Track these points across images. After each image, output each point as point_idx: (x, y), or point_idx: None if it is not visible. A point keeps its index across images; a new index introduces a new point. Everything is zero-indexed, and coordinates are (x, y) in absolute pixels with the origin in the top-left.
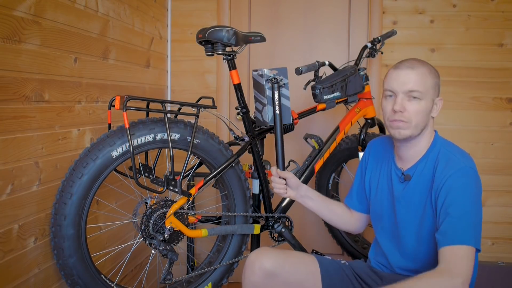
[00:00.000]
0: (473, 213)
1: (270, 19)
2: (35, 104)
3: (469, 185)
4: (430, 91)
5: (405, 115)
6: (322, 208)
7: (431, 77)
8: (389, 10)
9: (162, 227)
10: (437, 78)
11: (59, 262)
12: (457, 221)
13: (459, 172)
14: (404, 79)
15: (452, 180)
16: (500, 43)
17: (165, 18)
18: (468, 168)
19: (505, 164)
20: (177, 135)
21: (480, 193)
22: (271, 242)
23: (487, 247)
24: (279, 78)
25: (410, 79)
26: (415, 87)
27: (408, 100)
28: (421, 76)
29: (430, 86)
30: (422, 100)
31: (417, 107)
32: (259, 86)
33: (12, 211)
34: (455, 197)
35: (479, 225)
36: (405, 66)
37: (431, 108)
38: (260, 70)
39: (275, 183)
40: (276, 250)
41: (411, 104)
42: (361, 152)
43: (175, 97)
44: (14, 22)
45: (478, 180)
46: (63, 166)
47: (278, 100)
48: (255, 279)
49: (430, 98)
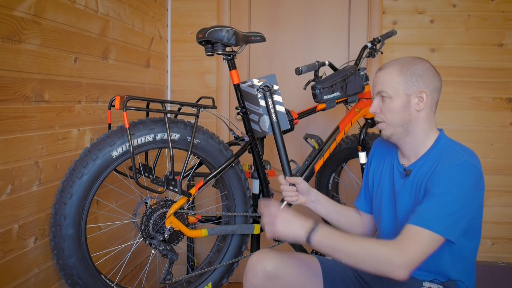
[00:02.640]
0: (454, 205)
1: (270, 19)
2: (35, 104)
3: (463, 180)
4: (401, 87)
5: (381, 115)
6: (332, 213)
7: (401, 73)
8: (389, 10)
9: (162, 227)
10: (412, 71)
11: (59, 262)
12: (433, 206)
13: (459, 166)
14: (375, 82)
15: (445, 169)
16: (500, 43)
17: (165, 18)
18: (469, 164)
19: (505, 164)
20: (177, 135)
21: (477, 191)
22: (271, 242)
23: (487, 247)
24: (271, 85)
25: (378, 80)
26: (382, 88)
27: (382, 101)
28: (387, 75)
29: (400, 83)
30: (394, 98)
31: (389, 106)
32: (251, 97)
33: (12, 211)
34: (441, 184)
35: (460, 219)
36: (379, 69)
37: (406, 103)
38: (249, 81)
39: (286, 191)
40: (277, 252)
41: (385, 104)
42: (361, 152)
43: (175, 97)
44: (14, 22)
45: (478, 178)
46: (63, 166)
47: (273, 108)
48: (257, 281)
49: (403, 94)
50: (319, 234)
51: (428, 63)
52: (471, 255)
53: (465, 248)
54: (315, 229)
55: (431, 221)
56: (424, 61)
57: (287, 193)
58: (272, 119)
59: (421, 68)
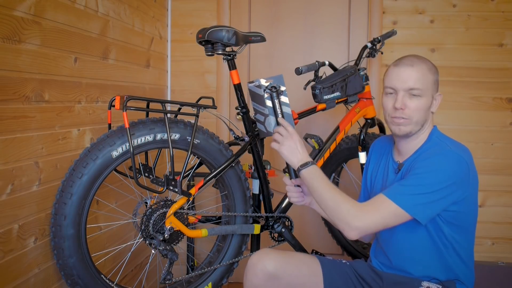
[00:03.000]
0: (428, 188)
1: (270, 19)
2: (35, 104)
3: (443, 165)
4: (430, 88)
5: (406, 112)
6: None
7: (430, 73)
8: (389, 10)
9: (162, 227)
10: (436, 74)
11: (59, 262)
12: (407, 184)
13: (441, 154)
14: (404, 77)
15: (429, 155)
16: (500, 43)
17: (165, 18)
18: (453, 153)
19: (505, 164)
20: (177, 135)
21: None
22: (271, 242)
23: (487, 247)
24: (278, 86)
25: (410, 76)
26: (415, 85)
27: (408, 98)
28: (421, 74)
29: (430, 83)
30: (423, 97)
31: (417, 104)
32: (258, 97)
33: (12, 211)
34: (421, 167)
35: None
36: (405, 64)
37: (430, 103)
38: (256, 81)
39: (292, 192)
40: (278, 252)
41: (412, 101)
42: (361, 152)
43: (175, 97)
44: (14, 22)
45: (463, 168)
46: (63, 166)
47: (280, 109)
48: (257, 281)
49: (430, 94)
50: (308, 170)
51: None
52: (467, 254)
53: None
54: (308, 165)
55: (399, 196)
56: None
57: (293, 194)
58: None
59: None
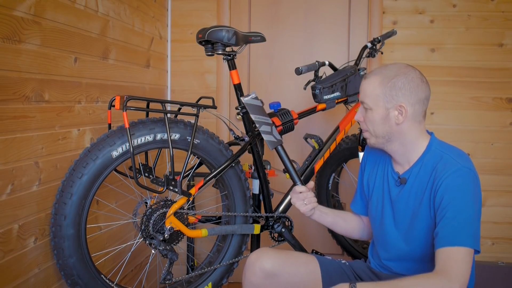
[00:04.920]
0: (470, 214)
1: (270, 19)
2: (35, 104)
3: (465, 186)
4: (380, 100)
5: (363, 125)
6: (339, 221)
7: (381, 85)
8: (389, 10)
9: (162, 227)
10: (392, 84)
11: (59, 262)
12: (453, 222)
13: (456, 173)
14: (361, 90)
15: (448, 181)
16: (500, 43)
17: (165, 18)
18: (465, 168)
19: (505, 164)
20: (177, 135)
21: (478, 193)
22: (271, 242)
23: (487, 247)
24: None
25: (362, 89)
26: (363, 98)
27: (365, 110)
28: (369, 86)
29: (378, 95)
30: (373, 110)
31: (370, 116)
32: (258, 108)
33: (12, 211)
34: (451, 198)
35: (477, 225)
36: (365, 76)
37: (386, 116)
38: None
39: (310, 198)
40: (276, 251)
41: (366, 113)
42: (361, 152)
43: (175, 97)
44: (14, 22)
45: (475, 180)
46: (63, 166)
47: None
48: (256, 279)
49: (382, 106)
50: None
51: (414, 73)
52: None
53: None
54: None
55: (457, 237)
56: (409, 72)
57: (311, 199)
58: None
59: (403, 80)
